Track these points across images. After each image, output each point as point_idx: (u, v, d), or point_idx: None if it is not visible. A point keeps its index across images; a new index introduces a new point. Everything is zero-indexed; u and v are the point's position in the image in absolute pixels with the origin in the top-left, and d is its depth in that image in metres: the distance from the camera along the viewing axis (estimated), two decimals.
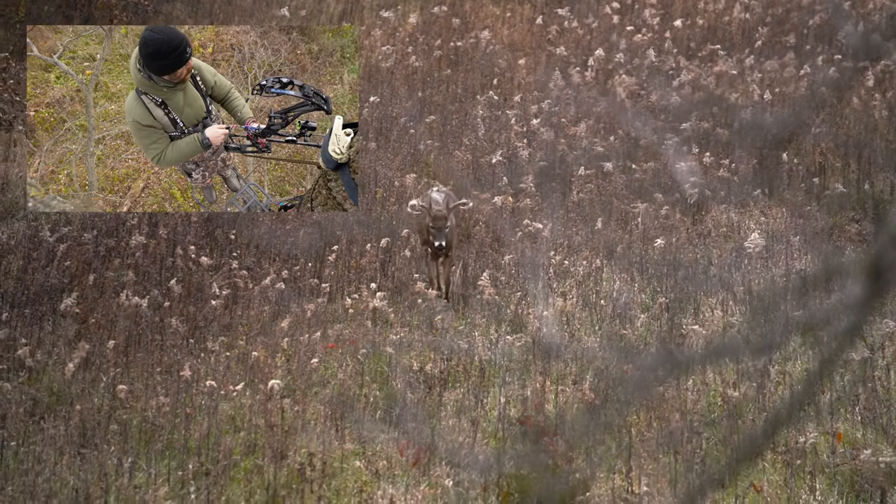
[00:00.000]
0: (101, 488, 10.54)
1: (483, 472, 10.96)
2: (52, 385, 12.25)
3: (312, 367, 12.71)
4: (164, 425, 11.61)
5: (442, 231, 13.63)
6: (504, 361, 12.89)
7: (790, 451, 11.09)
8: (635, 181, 16.68)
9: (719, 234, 15.88)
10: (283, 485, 10.88)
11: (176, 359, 12.71)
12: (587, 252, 15.26)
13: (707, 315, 13.82)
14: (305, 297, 14.20)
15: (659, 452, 11.32)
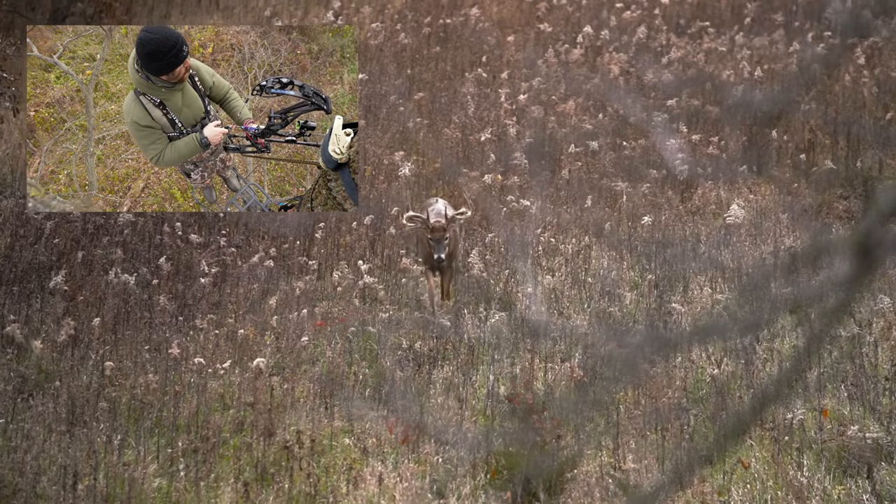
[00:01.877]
0: (90, 466, 10.55)
1: (472, 449, 10.98)
2: (41, 362, 12.24)
3: (301, 345, 12.71)
4: (153, 403, 11.61)
5: (441, 243, 13.15)
6: (493, 339, 12.90)
7: (778, 428, 11.12)
8: (624, 159, 16.67)
9: (708, 211, 15.89)
10: (273, 462, 10.90)
11: (165, 336, 12.71)
12: (575, 230, 15.26)
13: (695, 293, 13.84)
14: (294, 275, 14.19)
15: (647, 429, 11.34)
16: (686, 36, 20.00)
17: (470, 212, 13.70)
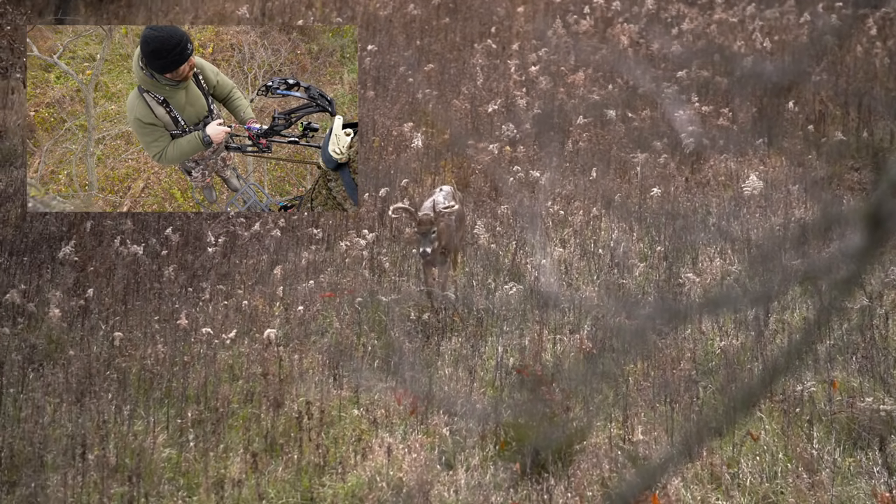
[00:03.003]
0: (99, 436, 10.56)
1: (480, 420, 10.97)
2: (51, 332, 12.25)
3: (310, 315, 12.71)
4: (163, 373, 11.62)
5: (427, 237, 12.41)
6: (502, 311, 12.89)
7: (788, 400, 11.10)
8: (634, 130, 16.63)
9: (718, 183, 15.84)
10: (281, 433, 10.90)
11: (174, 307, 12.71)
12: (585, 201, 15.23)
13: (705, 264, 13.81)
14: (303, 246, 14.18)
15: (656, 401, 11.33)
16: (697, 7, 19.92)
17: (458, 205, 12.85)
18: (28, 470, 10.15)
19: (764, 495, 10.24)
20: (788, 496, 10.19)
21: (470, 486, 10.21)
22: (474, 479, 10.30)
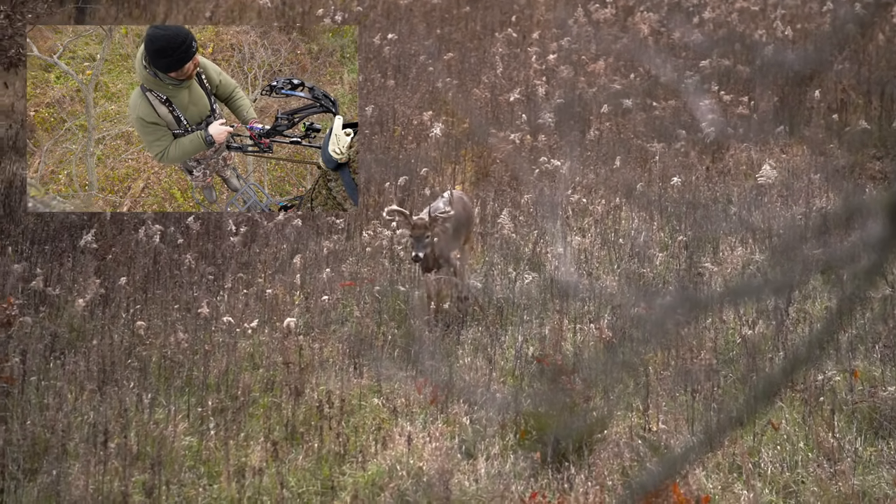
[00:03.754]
0: (120, 424, 10.59)
1: (500, 410, 10.97)
2: (73, 321, 12.28)
3: (330, 304, 12.72)
4: (184, 362, 11.65)
5: (421, 241, 12.12)
6: (522, 300, 12.88)
7: (809, 390, 11.07)
8: (655, 119, 16.59)
9: (739, 172, 15.81)
10: (302, 422, 10.92)
11: (194, 296, 12.73)
12: (605, 190, 15.21)
13: (726, 254, 13.78)
14: (323, 235, 14.19)
15: (676, 391, 11.32)
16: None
17: (452, 211, 12.34)
18: (50, 457, 10.18)
19: (785, 485, 10.22)
20: (810, 485, 10.16)
21: (490, 476, 10.21)
22: (494, 468, 10.31)
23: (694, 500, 9.66)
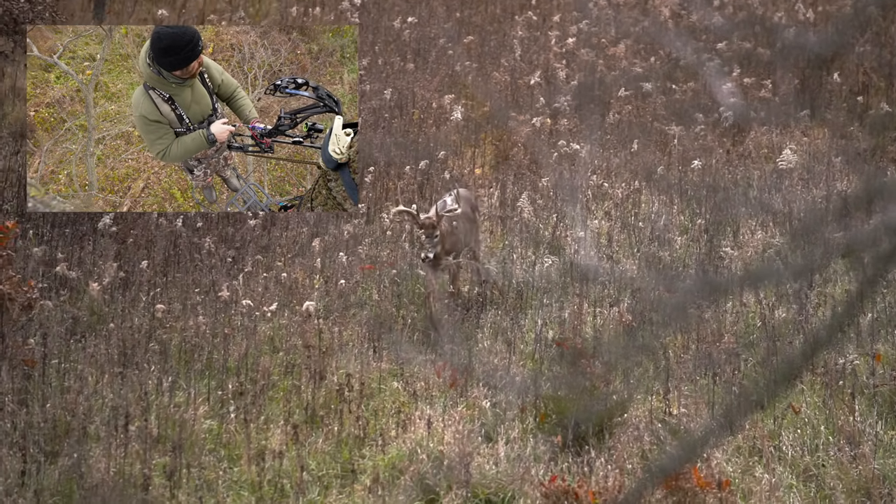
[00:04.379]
0: (141, 407, 10.62)
1: (520, 393, 10.97)
2: (93, 304, 12.31)
3: (349, 288, 12.73)
4: (203, 345, 11.67)
5: (430, 240, 12.00)
6: (541, 284, 12.87)
7: (830, 373, 11.05)
8: (675, 102, 16.55)
9: (759, 155, 15.76)
10: (322, 405, 10.93)
11: (214, 279, 12.75)
12: (625, 174, 15.18)
13: (746, 237, 13.75)
14: (343, 219, 14.20)
15: (696, 374, 11.30)
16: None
17: (459, 209, 12.24)
18: (71, 440, 10.21)
19: (805, 468, 10.21)
20: (830, 469, 10.15)
21: (510, 459, 10.21)
22: (514, 451, 10.31)
23: (714, 483, 9.65)
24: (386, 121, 16.15)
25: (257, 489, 9.98)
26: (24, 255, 12.79)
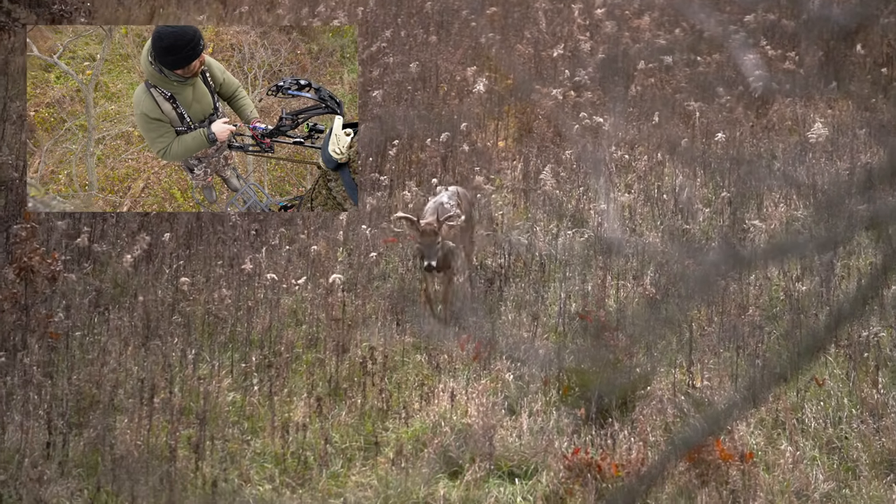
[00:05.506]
0: (165, 379, 10.66)
1: (543, 366, 10.97)
2: (117, 276, 12.35)
3: (372, 261, 12.74)
4: (227, 318, 11.70)
5: (432, 248, 11.53)
6: (565, 256, 12.86)
7: (853, 345, 11.02)
8: (699, 74, 16.49)
9: (783, 127, 15.70)
10: (345, 377, 10.96)
11: (237, 252, 12.77)
12: (649, 146, 15.14)
13: (770, 210, 13.71)
14: (366, 192, 14.20)
15: (720, 347, 11.29)
16: None
17: (464, 216, 11.98)
18: (97, 412, 10.26)
19: (828, 440, 10.19)
20: (853, 441, 10.13)
21: (533, 432, 10.22)
22: (537, 424, 10.32)
23: (737, 455, 9.65)
24: (409, 93, 16.12)
25: (281, 461, 10.02)
26: (47, 228, 12.83)
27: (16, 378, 10.46)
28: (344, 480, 9.93)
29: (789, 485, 9.63)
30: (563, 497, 9.62)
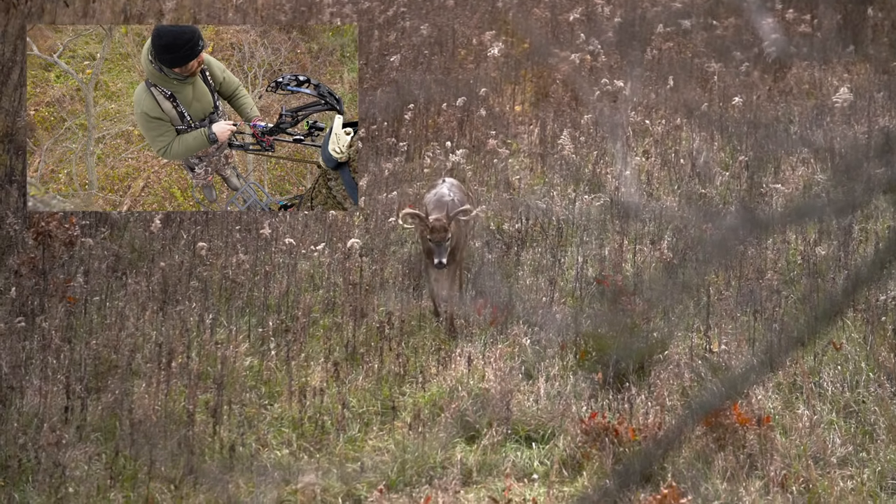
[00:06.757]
0: (183, 344, 10.68)
1: (561, 331, 10.97)
2: (134, 241, 12.37)
3: (390, 226, 12.73)
4: (244, 283, 11.72)
5: (442, 245, 11.20)
6: (582, 221, 12.85)
7: (871, 309, 11.00)
8: (716, 38, 16.42)
9: (801, 91, 15.63)
10: (362, 342, 10.97)
11: (254, 217, 12.78)
12: (666, 110, 15.09)
13: (788, 174, 13.67)
14: (383, 157, 14.19)
15: (737, 311, 11.27)
16: None
17: (475, 211, 11.78)
18: (115, 376, 10.30)
19: (846, 404, 10.19)
20: (870, 405, 10.12)
21: (550, 396, 10.23)
22: (554, 388, 10.33)
23: (754, 419, 9.65)
24: (426, 58, 16.09)
25: (298, 426, 10.05)
26: None
27: (34, 342, 10.50)
28: (361, 445, 9.96)
29: (806, 449, 9.63)
30: (581, 461, 9.64)
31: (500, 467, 9.66)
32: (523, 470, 9.67)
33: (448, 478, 9.47)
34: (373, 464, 9.71)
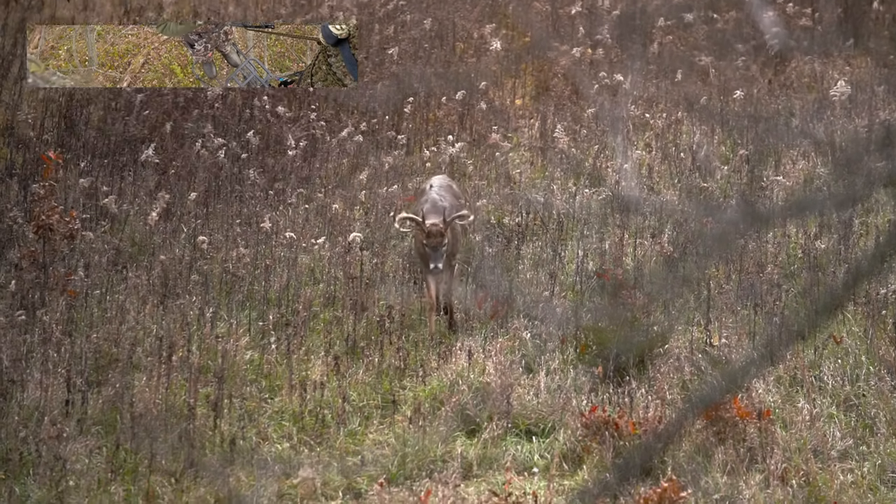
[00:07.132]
0: (183, 337, 10.69)
1: (561, 325, 10.98)
2: (134, 235, 12.37)
3: (390, 219, 12.74)
4: (245, 276, 11.72)
5: (438, 250, 10.97)
6: (582, 215, 12.84)
7: (871, 303, 11.00)
8: (717, 32, 16.41)
9: (802, 84, 15.63)
10: (363, 336, 10.97)
11: (255, 210, 12.78)
12: (667, 104, 15.09)
13: (788, 167, 13.66)
14: (383, 150, 14.18)
15: (738, 305, 11.28)
16: None
17: (472, 216, 11.55)
18: (115, 370, 10.30)
19: (846, 398, 10.19)
20: (870, 398, 10.13)
21: (550, 390, 10.24)
22: (555, 382, 10.33)
23: (755, 413, 9.65)
24: (426, 51, 16.08)
25: (298, 420, 10.05)
26: (64, 186, 12.85)
27: (35, 336, 10.50)
28: (361, 438, 9.97)
29: (806, 442, 9.64)
30: (581, 455, 9.64)
31: (501, 461, 9.66)
32: (523, 463, 9.68)
33: (448, 471, 9.47)
34: (373, 457, 9.72)
